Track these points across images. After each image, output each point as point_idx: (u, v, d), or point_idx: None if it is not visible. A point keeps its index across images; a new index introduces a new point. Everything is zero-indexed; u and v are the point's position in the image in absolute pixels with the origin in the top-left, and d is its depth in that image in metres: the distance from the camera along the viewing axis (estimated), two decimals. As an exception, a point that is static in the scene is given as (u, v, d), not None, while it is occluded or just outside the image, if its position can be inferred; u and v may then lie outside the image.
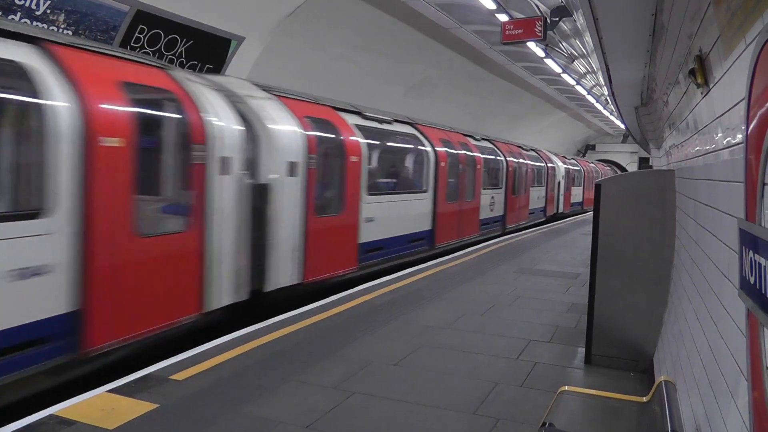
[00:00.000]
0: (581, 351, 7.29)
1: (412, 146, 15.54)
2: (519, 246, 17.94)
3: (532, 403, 5.78)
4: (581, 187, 38.72)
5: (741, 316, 2.56)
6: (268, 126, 9.36)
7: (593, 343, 6.97)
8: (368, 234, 12.29)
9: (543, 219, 28.22)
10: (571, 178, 34.95)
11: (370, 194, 12.35)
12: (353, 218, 11.81)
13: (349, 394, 5.86)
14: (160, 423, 5.12)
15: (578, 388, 5.47)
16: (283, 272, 9.56)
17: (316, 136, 10.44)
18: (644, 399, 4.33)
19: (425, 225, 15.17)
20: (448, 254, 15.52)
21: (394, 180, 15.20)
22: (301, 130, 9.91)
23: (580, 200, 38.44)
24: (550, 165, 29.59)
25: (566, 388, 4.70)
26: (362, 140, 12.05)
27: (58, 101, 5.94)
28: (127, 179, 6.60)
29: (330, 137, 11.30)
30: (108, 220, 6.39)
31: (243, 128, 8.49)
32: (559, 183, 31.65)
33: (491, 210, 20.42)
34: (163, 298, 7.30)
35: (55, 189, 5.84)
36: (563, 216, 32.52)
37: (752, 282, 2.21)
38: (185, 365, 6.46)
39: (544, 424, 3.69)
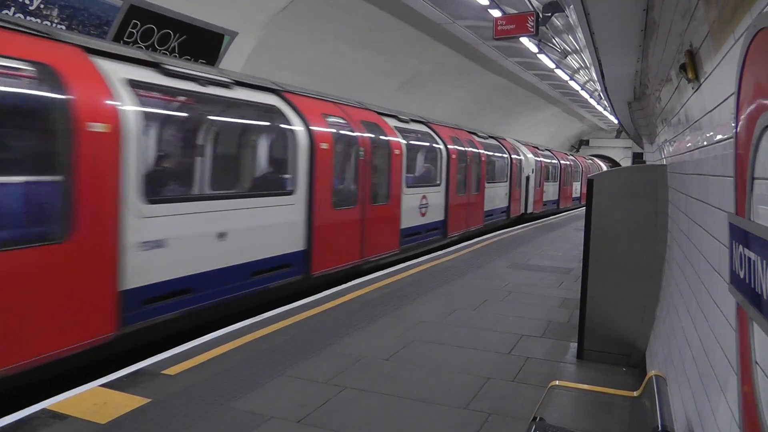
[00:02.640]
0: (573, 346, 7.31)
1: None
2: (512, 241, 17.95)
3: (524, 398, 5.79)
4: (556, 183, 33.62)
5: (731, 310, 2.57)
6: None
7: (585, 338, 6.98)
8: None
9: (505, 221, 23.78)
10: (544, 172, 30.16)
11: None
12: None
13: (341, 389, 5.87)
14: (152, 417, 5.11)
15: (569, 382, 5.49)
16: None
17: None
18: (635, 393, 4.34)
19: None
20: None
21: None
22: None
23: (555, 198, 33.51)
24: (515, 157, 25.02)
25: (557, 382, 4.71)
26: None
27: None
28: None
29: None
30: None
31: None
32: (527, 178, 27.10)
33: (422, 214, 15.37)
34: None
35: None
36: (534, 217, 28.05)
37: (742, 276, 2.21)
38: (177, 360, 6.46)
39: (534, 418, 3.70)
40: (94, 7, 10.23)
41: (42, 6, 9.46)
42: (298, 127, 10.25)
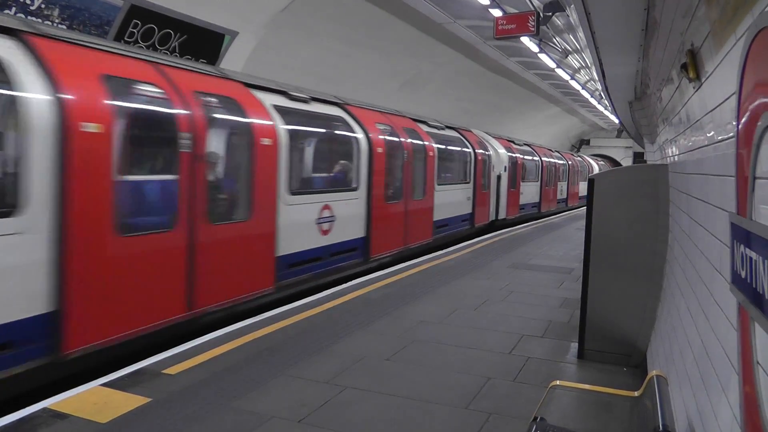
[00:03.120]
0: (574, 346, 7.31)
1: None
2: (513, 241, 17.95)
3: (525, 398, 5.79)
4: (537, 183, 28.78)
5: (732, 310, 2.56)
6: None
7: (586, 338, 6.98)
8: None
9: (469, 231, 19.60)
10: (520, 170, 25.44)
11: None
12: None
13: (341, 389, 5.86)
14: (152, 417, 5.11)
15: (570, 382, 5.49)
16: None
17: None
18: (636, 393, 4.33)
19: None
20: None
21: None
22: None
23: (536, 201, 28.87)
24: (480, 152, 20.35)
25: (558, 382, 4.71)
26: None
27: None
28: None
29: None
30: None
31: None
32: (498, 177, 22.83)
33: (324, 233, 10.99)
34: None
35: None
36: (509, 224, 23.80)
37: (743, 276, 2.21)
38: (178, 359, 6.46)
39: (535, 418, 3.69)
40: (95, 7, 10.23)
41: (43, 6, 9.46)
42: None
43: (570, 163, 36.62)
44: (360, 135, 12.39)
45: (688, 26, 3.94)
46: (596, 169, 39.92)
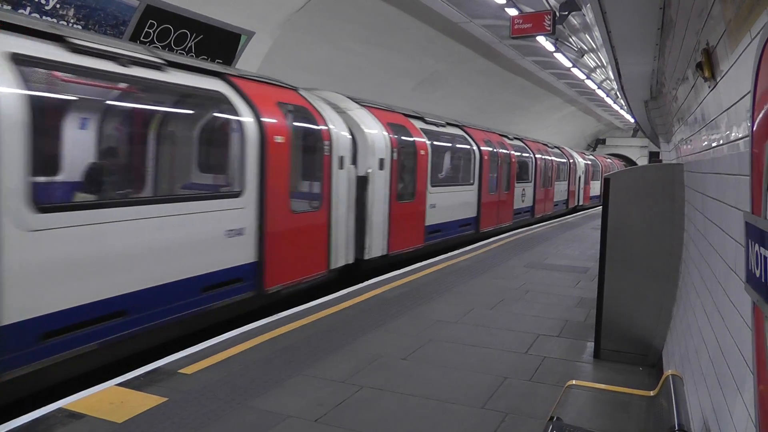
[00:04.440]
0: (590, 345, 7.29)
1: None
2: (529, 240, 17.91)
3: (541, 398, 5.79)
4: (471, 188, 17.99)
5: (747, 309, 2.56)
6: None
7: (602, 338, 6.97)
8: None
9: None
10: (433, 166, 15.40)
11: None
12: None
13: (357, 388, 5.88)
14: (169, 417, 5.14)
15: (586, 382, 5.48)
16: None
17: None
18: (652, 393, 4.33)
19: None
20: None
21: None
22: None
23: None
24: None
25: (574, 382, 4.71)
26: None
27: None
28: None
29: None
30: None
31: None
32: (365, 180, 12.83)
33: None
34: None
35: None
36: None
37: (758, 275, 2.21)
38: (194, 359, 6.49)
39: (551, 418, 3.69)
40: (111, 7, 10.28)
41: (58, 6, 9.53)
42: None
43: (546, 154, 27.06)
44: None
45: (703, 25, 3.93)
46: (582, 166, 34.71)
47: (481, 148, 18.31)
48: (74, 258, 6.06)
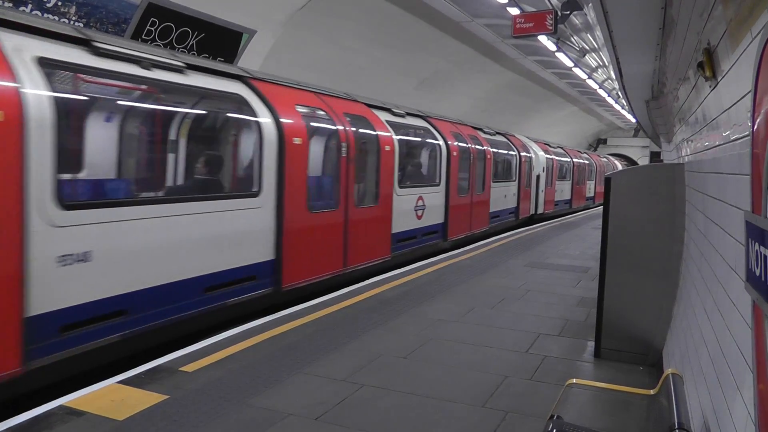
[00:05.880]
0: (591, 345, 7.30)
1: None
2: (530, 240, 17.91)
3: (541, 396, 5.80)
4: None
5: (747, 308, 2.57)
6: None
7: (602, 337, 6.97)
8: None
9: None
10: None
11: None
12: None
13: (358, 387, 5.89)
14: (169, 414, 5.16)
15: (586, 380, 5.48)
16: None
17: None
18: (652, 392, 4.33)
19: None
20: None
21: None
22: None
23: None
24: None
25: (574, 380, 4.71)
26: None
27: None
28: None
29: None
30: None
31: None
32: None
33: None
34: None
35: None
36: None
37: (758, 274, 2.21)
38: (195, 357, 6.51)
39: (552, 416, 3.70)
40: (112, 5, 10.28)
41: (59, 3, 9.53)
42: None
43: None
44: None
45: (704, 25, 3.93)
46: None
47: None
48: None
